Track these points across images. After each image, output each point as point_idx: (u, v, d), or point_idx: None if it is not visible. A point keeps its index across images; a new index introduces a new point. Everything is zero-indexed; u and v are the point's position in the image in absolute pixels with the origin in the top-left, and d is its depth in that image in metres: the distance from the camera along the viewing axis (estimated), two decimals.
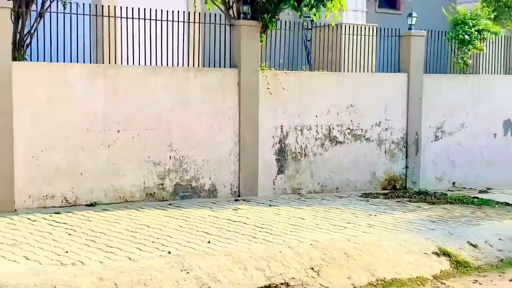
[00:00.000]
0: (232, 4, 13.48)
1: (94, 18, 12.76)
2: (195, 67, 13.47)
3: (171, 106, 12.60)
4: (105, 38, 13.05)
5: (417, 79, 15.72)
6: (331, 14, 13.75)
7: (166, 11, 12.84)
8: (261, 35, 13.49)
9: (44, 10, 11.93)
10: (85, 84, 11.78)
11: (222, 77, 13.21)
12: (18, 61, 11.30)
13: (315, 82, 14.45)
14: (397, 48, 15.90)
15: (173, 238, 9.34)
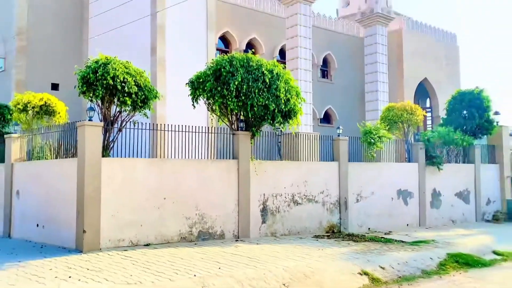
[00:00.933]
0: (233, 122, 13.72)
1: (152, 131, 12.94)
2: (211, 159, 13.56)
3: (197, 182, 12.58)
4: (158, 142, 13.18)
5: (344, 165, 15.85)
6: (292, 127, 14.06)
7: (194, 126, 13.05)
8: (251, 139, 13.69)
9: (122, 127, 12.10)
10: (145, 170, 11.80)
11: (228, 164, 13.27)
12: (105, 157, 11.32)
13: (283, 167, 14.54)
14: (332, 147, 16.11)
15: (197, 266, 9.14)
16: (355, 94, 28.64)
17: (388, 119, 18.46)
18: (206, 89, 12.81)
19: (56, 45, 22.19)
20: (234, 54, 13.24)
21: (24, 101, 14.61)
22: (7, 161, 13.83)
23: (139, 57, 18.84)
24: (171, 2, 19.19)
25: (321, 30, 27.27)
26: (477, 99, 20.03)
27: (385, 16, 26.68)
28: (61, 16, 22.45)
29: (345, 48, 28.68)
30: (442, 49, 31.52)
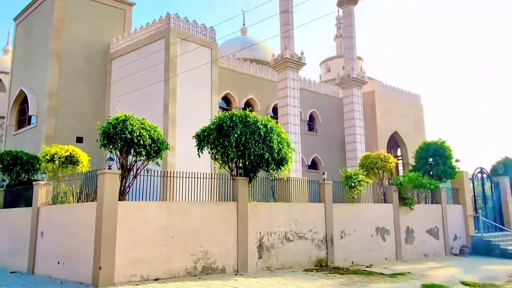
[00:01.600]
0: (233, 168, 13.67)
1: (163, 178, 12.85)
2: (214, 201, 13.36)
3: (201, 222, 12.31)
4: (168, 186, 13.05)
5: (329, 206, 15.64)
6: (284, 173, 14.01)
7: (199, 173, 12.98)
8: (248, 184, 13.58)
9: (137, 174, 12.00)
10: (156, 212, 11.58)
11: (228, 206, 13.07)
12: (121, 201, 11.14)
13: (277, 208, 14.33)
14: (318, 190, 15.99)
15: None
16: (337, 144, 28.91)
17: (366, 166, 18.44)
18: (210, 140, 12.89)
19: (82, 104, 22.54)
20: (234, 111, 13.44)
21: (51, 152, 14.61)
22: (34, 205, 13.57)
23: (154, 114, 19.09)
24: (182, 69, 19.77)
25: (307, 91, 27.99)
26: (440, 148, 20.24)
27: (359, 80, 27.48)
28: (88, 80, 22.97)
29: (327, 106, 29.33)
30: (408, 107, 32.23)
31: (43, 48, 23.34)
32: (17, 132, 25.10)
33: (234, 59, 25.19)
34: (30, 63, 24.83)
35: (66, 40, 22.74)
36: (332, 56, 39.78)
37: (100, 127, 11.66)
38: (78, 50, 23.08)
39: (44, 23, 23.91)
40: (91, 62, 23.41)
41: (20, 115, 25.70)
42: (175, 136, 19.27)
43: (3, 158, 16.73)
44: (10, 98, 26.11)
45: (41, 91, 22.77)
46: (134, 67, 21.21)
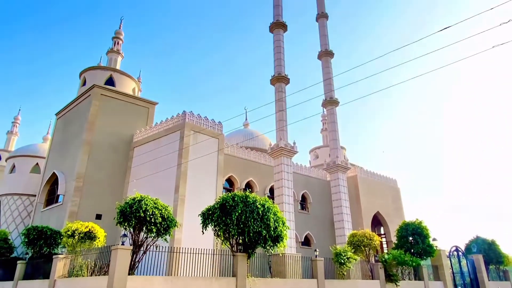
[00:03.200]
0: (234, 245, 13.18)
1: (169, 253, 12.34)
2: (215, 276, 12.61)
3: None
4: (174, 261, 12.47)
5: (321, 282, 14.69)
6: (280, 249, 13.46)
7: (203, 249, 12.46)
8: (247, 259, 12.96)
9: (147, 249, 11.57)
10: (162, 286, 10.88)
11: (228, 282, 12.30)
12: (130, 275, 10.57)
13: (273, 284, 13.47)
14: (311, 266, 15.18)
15: None
16: (326, 222, 28.17)
17: (353, 243, 17.73)
18: (214, 218, 12.65)
19: (104, 185, 22.54)
20: (236, 192, 13.43)
21: (73, 228, 14.25)
22: (51, 278, 12.79)
23: (166, 194, 19.02)
24: (193, 156, 20.21)
25: (299, 174, 28.20)
26: (418, 228, 19.74)
27: (344, 166, 27.88)
28: (112, 164, 23.30)
29: (317, 188, 29.26)
30: (387, 190, 32.17)
31: (77, 138, 24.15)
32: (45, 209, 24.68)
33: (237, 147, 25.88)
34: (64, 150, 25.46)
35: (97, 132, 23.62)
36: (319, 145, 40.92)
37: (118, 206, 11.57)
38: (106, 140, 23.84)
39: (80, 118, 25.11)
40: (116, 150, 24.01)
41: (49, 194, 25.52)
42: (183, 214, 18.91)
43: (30, 233, 16.24)
44: (43, 179, 26.23)
45: (71, 173, 22.96)
46: (153, 154, 21.71)
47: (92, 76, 27.89)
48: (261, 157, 26.85)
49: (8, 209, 29.23)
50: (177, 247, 12.61)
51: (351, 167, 29.27)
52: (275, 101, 24.85)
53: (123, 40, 31.92)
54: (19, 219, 28.81)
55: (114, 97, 25.30)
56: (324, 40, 30.26)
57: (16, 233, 27.68)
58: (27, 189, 29.40)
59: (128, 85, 28.90)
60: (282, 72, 25.70)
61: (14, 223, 28.63)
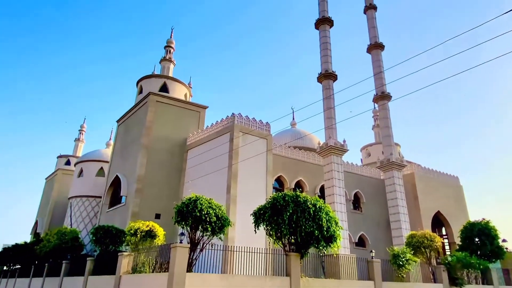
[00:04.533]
0: (286, 244, 13.13)
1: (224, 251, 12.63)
2: (269, 275, 12.68)
3: None
4: (228, 259, 12.75)
5: (378, 284, 14.09)
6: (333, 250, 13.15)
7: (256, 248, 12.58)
8: (300, 260, 12.85)
9: (203, 248, 11.98)
10: (218, 283, 11.19)
11: (282, 281, 12.30)
12: (188, 272, 11.02)
13: (327, 285, 13.21)
14: (367, 267, 14.62)
15: None
16: (382, 223, 26.93)
17: (412, 245, 16.75)
18: (265, 218, 12.72)
19: (162, 187, 23.80)
20: (286, 191, 13.38)
21: (135, 227, 15.20)
22: (117, 274, 13.80)
23: (218, 194, 19.54)
24: (242, 157, 20.55)
25: (350, 173, 27.32)
26: (485, 228, 18.09)
27: (399, 164, 26.46)
28: (168, 167, 24.54)
29: (370, 187, 28.11)
30: (448, 188, 29.90)
31: (137, 143, 25.84)
32: (109, 209, 26.76)
33: (286, 147, 25.81)
34: (125, 155, 27.40)
35: (154, 137, 25.06)
36: (371, 142, 39.30)
37: (176, 206, 12.13)
38: (162, 144, 25.20)
39: (139, 123, 26.83)
40: (171, 153, 25.26)
41: (113, 196, 27.62)
42: (235, 213, 19.27)
43: (97, 232, 17.69)
44: (107, 182, 28.46)
45: (132, 176, 24.62)
46: (205, 156, 22.46)
47: (148, 84, 29.65)
48: (310, 156, 26.49)
49: (77, 210, 32.26)
50: (231, 245, 12.90)
51: (406, 165, 27.69)
52: (322, 99, 24.37)
53: (174, 48, 33.51)
54: (87, 219, 31.66)
55: (168, 103, 26.65)
56: (373, 32, 29.04)
57: (85, 232, 30.42)
58: (93, 191, 32.18)
59: (180, 91, 30.27)
60: (330, 68, 25.12)
61: (83, 222, 31.53)
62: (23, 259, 27.73)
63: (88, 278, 16.34)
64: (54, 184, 39.88)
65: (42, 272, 22.75)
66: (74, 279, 18.02)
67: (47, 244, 21.41)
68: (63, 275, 19.11)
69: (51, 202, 38.69)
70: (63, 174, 40.35)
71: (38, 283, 22.46)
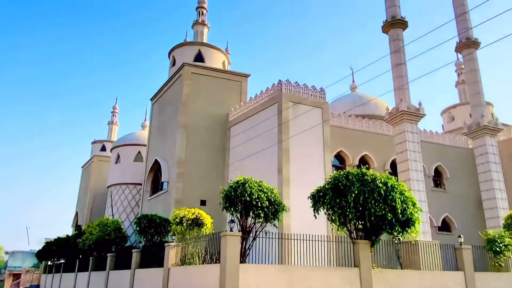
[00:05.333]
0: (352, 231, 13.10)
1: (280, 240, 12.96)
2: (334, 266, 12.83)
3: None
4: (285, 249, 13.07)
5: (470, 275, 13.62)
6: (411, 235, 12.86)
7: (316, 235, 12.73)
8: (370, 248, 12.78)
9: (256, 236, 12.38)
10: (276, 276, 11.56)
11: (350, 273, 12.39)
12: (242, 263, 11.48)
13: (406, 276, 13.05)
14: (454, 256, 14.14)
15: None
16: (471, 202, 25.58)
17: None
18: (326, 201, 12.73)
19: (205, 169, 24.73)
20: (350, 169, 13.19)
21: (180, 215, 16.11)
22: (165, 266, 14.85)
23: (268, 175, 19.79)
24: (294, 131, 20.48)
25: (429, 144, 26.07)
26: None
27: (492, 128, 24.58)
28: (209, 147, 25.34)
29: (454, 159, 26.65)
30: None
31: (173, 122, 26.89)
32: (151, 197, 28.55)
33: (345, 117, 25.21)
34: (162, 136, 28.72)
35: (191, 114, 25.86)
36: (455, 104, 36.87)
37: (222, 190, 12.57)
38: (202, 121, 25.94)
39: (174, 100, 27.80)
40: (212, 131, 25.96)
41: (154, 182, 29.35)
42: (289, 197, 19.48)
43: (141, 221, 19.03)
44: (147, 167, 30.22)
45: (171, 159, 25.86)
46: (250, 133, 22.76)
47: (181, 53, 30.35)
48: (377, 125, 25.65)
49: (118, 199, 34.87)
50: (287, 233, 13.16)
51: (502, 128, 25.67)
52: (390, 54, 23.16)
53: (207, 9, 33.63)
54: (129, 208, 34.13)
55: (205, 74, 27.15)
56: None
57: (127, 222, 32.91)
58: (133, 178, 34.43)
59: (218, 58, 30.60)
60: (398, 14, 23.63)
61: (124, 212, 34.09)
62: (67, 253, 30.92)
63: (135, 271, 17.81)
64: (91, 172, 43.30)
65: (86, 266, 25.24)
66: (120, 273, 19.76)
67: (89, 236, 23.56)
68: (109, 268, 21.02)
69: (90, 191, 42.21)
70: (99, 161, 43.56)
71: (84, 278, 25.00)
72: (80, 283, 26.13)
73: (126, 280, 18.38)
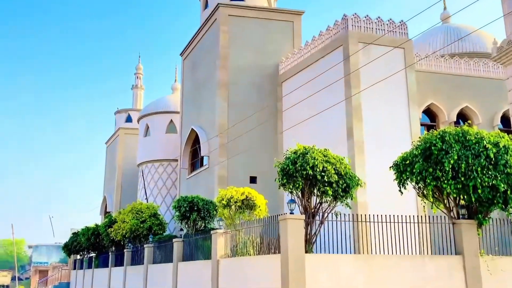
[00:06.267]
0: (452, 208, 12.68)
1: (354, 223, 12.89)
2: (428, 254, 12.61)
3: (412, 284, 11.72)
4: (361, 234, 13.02)
5: None
6: None
7: (402, 216, 12.50)
8: (477, 229, 12.34)
9: (324, 219, 12.39)
10: (351, 268, 11.58)
11: (449, 261, 12.08)
12: (308, 253, 11.57)
13: None
14: None
15: None
16: None
17: None
18: (414, 171, 12.34)
19: (253, 139, 24.94)
20: (445, 128, 12.64)
21: (227, 196, 16.49)
22: (214, 258, 15.39)
23: (335, 142, 19.62)
24: (367, 82, 19.87)
25: None
26: None
27: None
28: (257, 109, 25.38)
29: None
30: None
31: (210, 80, 27.16)
32: (190, 175, 29.51)
33: (436, 57, 24.04)
34: (198, 99, 29.20)
35: (232, 68, 25.92)
36: None
37: (278, 163, 12.60)
38: (245, 77, 25.95)
39: (209, 53, 27.94)
40: (260, 89, 25.92)
41: (192, 157, 30.22)
42: (364, 168, 19.26)
43: (180, 205, 19.77)
44: (182, 139, 31.08)
45: (211, 128, 26.32)
46: (308, 88, 22.42)
47: None
48: (481, 67, 24.35)
49: (151, 179, 36.41)
50: (364, 214, 13.02)
51: None
52: None
53: None
54: (165, 190, 35.61)
55: (246, 16, 26.92)
56: None
57: (164, 206, 34.40)
58: (166, 153, 35.68)
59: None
60: None
61: (160, 195, 35.63)
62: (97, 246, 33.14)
63: (178, 264, 18.69)
64: (117, 149, 45.49)
65: (121, 259, 26.93)
66: (161, 267, 20.86)
67: (121, 225, 25.00)
68: (147, 262, 22.28)
69: (118, 172, 44.52)
70: (125, 134, 45.53)
71: (120, 273, 26.76)
72: (115, 279, 28.07)
73: (168, 275, 19.39)
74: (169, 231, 30.56)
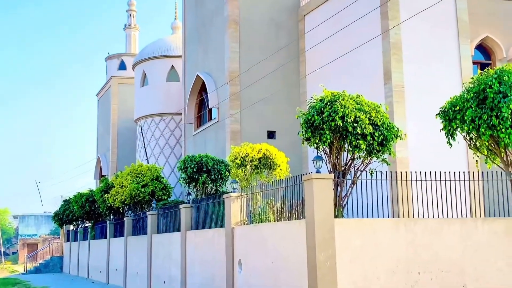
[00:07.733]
0: (510, 162, 12.60)
1: (392, 182, 12.93)
2: (481, 217, 12.69)
3: (463, 250, 11.87)
4: (401, 195, 13.08)
5: None
6: None
7: (449, 172, 12.49)
8: None
9: (356, 178, 12.42)
10: (389, 234, 11.73)
11: (507, 224, 12.16)
12: (338, 218, 11.70)
13: None
14: None
15: None
16: None
17: None
18: (466, 119, 12.21)
19: (270, 85, 24.74)
20: (503, 66, 12.39)
21: (241, 154, 16.57)
22: (227, 226, 15.67)
23: (368, 86, 19.51)
24: (407, 12, 19.40)
25: None
26: None
27: None
28: (275, 50, 25.07)
29: None
30: None
31: (218, 17, 26.79)
32: (197, 131, 29.66)
33: None
34: (204, 39, 28.93)
35: (244, 1, 25.43)
36: None
37: (301, 114, 12.55)
38: (260, 11, 25.54)
39: None
40: (277, 26, 25.54)
41: (199, 109, 30.27)
42: (404, 117, 19.15)
43: (186, 165, 19.98)
44: (186, 88, 31.05)
45: (220, 74, 26.19)
46: (336, 22, 21.99)
47: None
48: None
49: (151, 136, 36.73)
50: (405, 171, 13.03)
51: None
52: None
53: None
54: (168, 148, 35.94)
55: None
56: None
57: (168, 168, 34.82)
58: (168, 105, 35.81)
59: None
60: None
61: (162, 154, 36.03)
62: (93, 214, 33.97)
63: (187, 233, 19.12)
64: (110, 101, 45.75)
65: (121, 229, 27.60)
66: (167, 237, 21.38)
67: (120, 190, 25.48)
68: (151, 232, 22.82)
69: (112, 129, 45.01)
70: (119, 84, 45.69)
71: (120, 245, 27.52)
72: (114, 251, 28.94)
73: (176, 246, 19.90)
74: (174, 196, 31.14)
